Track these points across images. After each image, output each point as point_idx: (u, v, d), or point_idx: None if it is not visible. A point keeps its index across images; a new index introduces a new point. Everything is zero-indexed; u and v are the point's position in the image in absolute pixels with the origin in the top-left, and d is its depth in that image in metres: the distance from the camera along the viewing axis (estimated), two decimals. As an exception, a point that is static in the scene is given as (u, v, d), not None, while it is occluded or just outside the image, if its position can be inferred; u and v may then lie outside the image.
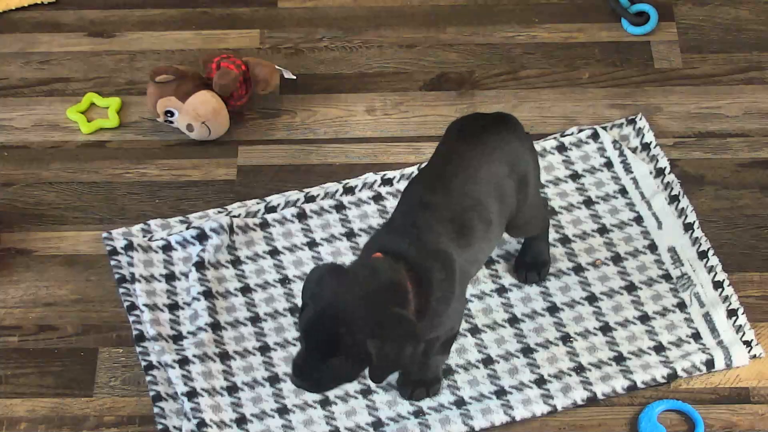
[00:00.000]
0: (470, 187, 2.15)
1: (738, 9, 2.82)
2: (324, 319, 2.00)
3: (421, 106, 2.67)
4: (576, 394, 2.27)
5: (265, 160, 2.60)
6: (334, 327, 1.99)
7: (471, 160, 2.17)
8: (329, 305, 2.00)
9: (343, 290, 2.01)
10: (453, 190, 2.14)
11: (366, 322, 1.99)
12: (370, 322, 1.99)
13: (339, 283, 2.02)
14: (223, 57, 2.62)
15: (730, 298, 2.37)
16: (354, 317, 1.99)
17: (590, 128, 2.60)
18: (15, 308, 2.40)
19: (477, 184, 2.15)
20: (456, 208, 2.12)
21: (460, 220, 2.12)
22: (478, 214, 2.14)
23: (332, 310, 2.00)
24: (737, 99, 2.67)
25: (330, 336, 1.99)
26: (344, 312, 1.99)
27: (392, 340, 1.99)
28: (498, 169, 2.17)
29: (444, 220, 2.11)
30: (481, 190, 2.15)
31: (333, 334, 1.99)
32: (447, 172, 2.16)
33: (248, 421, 2.26)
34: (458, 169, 2.16)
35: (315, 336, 2.01)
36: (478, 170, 2.16)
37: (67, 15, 2.83)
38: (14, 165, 2.60)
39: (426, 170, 2.18)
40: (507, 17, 2.82)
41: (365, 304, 2.00)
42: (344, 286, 2.02)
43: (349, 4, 2.85)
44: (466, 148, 2.18)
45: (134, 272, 2.41)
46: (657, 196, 2.50)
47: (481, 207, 2.14)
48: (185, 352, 2.32)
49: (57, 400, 2.29)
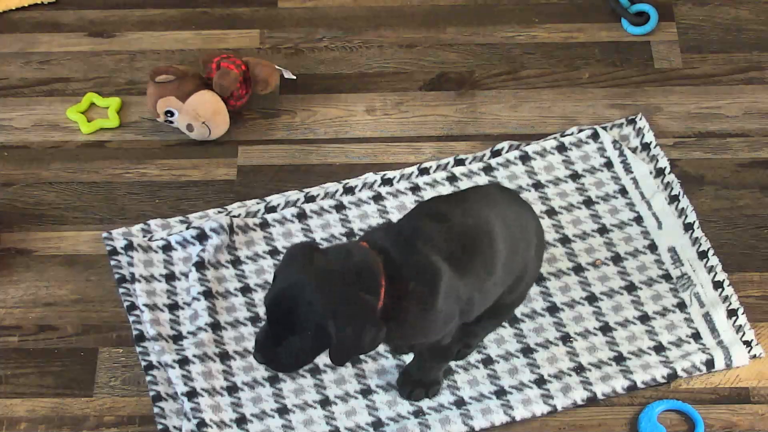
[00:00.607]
0: (488, 214, 2.12)
1: (738, 9, 2.82)
2: (286, 296, 1.96)
3: (421, 106, 2.67)
4: (576, 394, 2.27)
5: (265, 160, 2.60)
6: (295, 305, 1.95)
7: (501, 200, 2.17)
8: (294, 283, 1.96)
9: (311, 268, 1.97)
10: (470, 212, 2.11)
11: (328, 302, 1.94)
12: (332, 303, 1.94)
13: (309, 261, 1.98)
14: (223, 57, 2.62)
15: (730, 298, 2.37)
16: (317, 296, 1.94)
17: (590, 128, 2.60)
18: (15, 308, 2.40)
19: (496, 218, 2.12)
20: (466, 230, 2.08)
21: (465, 242, 2.08)
22: (487, 244, 2.09)
23: (296, 288, 1.95)
24: (737, 99, 2.67)
25: (290, 313, 1.95)
26: (308, 290, 1.95)
27: (353, 323, 1.95)
28: (523, 222, 2.17)
29: (448, 237, 2.07)
30: (498, 224, 2.12)
31: (293, 312, 1.95)
32: (470, 197, 2.15)
33: (248, 421, 2.26)
34: (483, 200, 2.15)
35: (276, 312, 1.97)
36: (504, 208, 2.16)
37: (67, 15, 2.83)
38: (14, 165, 2.60)
39: (451, 194, 2.18)
40: (507, 17, 2.82)
41: (330, 285, 1.95)
42: (313, 264, 1.97)
43: (349, 4, 2.85)
44: (500, 192, 2.19)
45: (134, 272, 2.41)
46: (657, 196, 2.50)
47: (491, 240, 2.10)
48: (185, 352, 2.32)
49: (57, 400, 2.29)
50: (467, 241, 2.08)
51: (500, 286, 2.16)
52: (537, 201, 2.50)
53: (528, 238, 2.19)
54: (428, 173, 2.55)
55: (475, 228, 2.10)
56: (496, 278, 2.13)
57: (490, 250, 2.10)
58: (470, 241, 2.09)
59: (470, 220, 2.10)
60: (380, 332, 1.98)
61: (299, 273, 1.97)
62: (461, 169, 2.55)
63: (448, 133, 2.63)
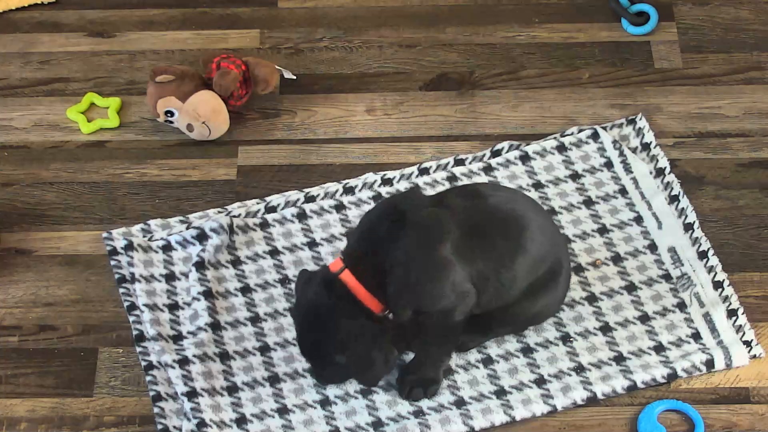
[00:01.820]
0: (524, 210, 2.20)
1: (738, 9, 2.82)
2: (305, 341, 2.18)
3: (421, 106, 2.67)
4: (576, 394, 2.27)
5: (265, 160, 2.60)
6: (312, 347, 2.18)
7: (538, 207, 2.26)
8: (306, 327, 2.16)
9: (309, 308, 2.16)
10: (506, 199, 2.21)
11: (329, 338, 2.14)
12: (331, 339, 2.13)
13: (307, 301, 2.16)
14: (223, 57, 2.62)
15: (730, 298, 2.37)
16: (321, 338, 2.15)
17: (590, 128, 2.60)
18: (15, 308, 2.40)
19: (530, 216, 2.20)
20: (494, 211, 2.18)
21: (490, 221, 2.17)
22: (515, 233, 2.18)
23: (308, 332, 2.16)
24: (737, 99, 2.67)
25: (313, 355, 2.19)
26: (315, 334, 2.15)
27: (355, 350, 2.12)
28: (555, 237, 2.25)
29: (472, 212, 2.17)
30: (532, 222, 2.20)
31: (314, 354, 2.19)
32: (509, 189, 2.27)
33: (248, 421, 2.26)
34: (522, 197, 2.26)
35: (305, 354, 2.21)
36: (540, 214, 2.23)
37: (67, 15, 2.83)
38: (14, 165, 2.60)
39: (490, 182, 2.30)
40: (507, 17, 2.82)
41: (325, 323, 2.14)
42: (308, 305, 2.16)
43: (349, 4, 2.85)
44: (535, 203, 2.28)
45: (134, 272, 2.41)
46: (657, 196, 2.50)
47: (519, 231, 2.19)
48: (185, 352, 2.32)
49: (57, 400, 2.29)
50: (495, 222, 2.17)
51: (520, 283, 2.20)
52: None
53: (557, 253, 2.24)
54: (428, 173, 2.55)
55: (505, 213, 2.18)
56: (518, 272, 2.18)
57: (517, 240, 2.17)
58: (497, 222, 2.17)
59: (505, 206, 2.19)
60: (390, 355, 2.14)
61: (304, 317, 2.16)
62: (461, 169, 2.55)
63: (448, 133, 2.63)
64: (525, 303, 2.23)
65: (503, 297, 2.20)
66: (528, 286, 2.21)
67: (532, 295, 2.22)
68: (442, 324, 2.18)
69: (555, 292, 2.25)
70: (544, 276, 2.22)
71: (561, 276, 2.25)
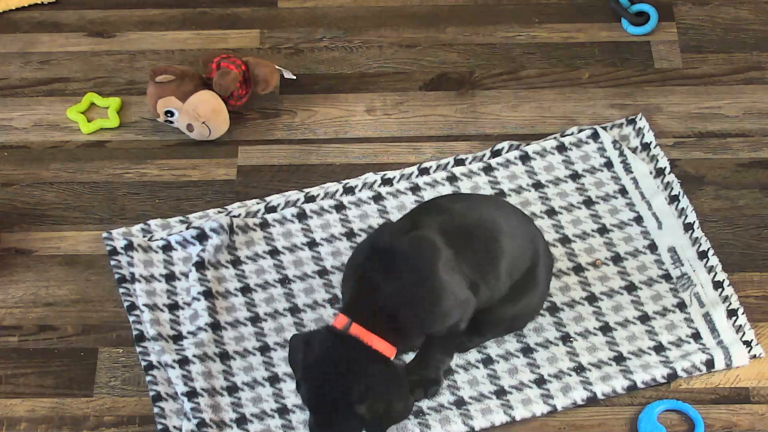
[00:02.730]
0: (492, 213, 2.21)
1: (738, 9, 2.82)
2: (319, 397, 2.11)
3: (421, 106, 2.67)
4: (576, 394, 2.27)
5: (265, 160, 2.60)
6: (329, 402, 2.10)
7: (506, 206, 2.27)
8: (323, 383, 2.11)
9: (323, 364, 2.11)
10: (473, 207, 2.20)
11: (349, 389, 2.09)
12: (353, 390, 2.09)
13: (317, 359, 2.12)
14: (223, 57, 2.62)
15: (730, 298, 2.37)
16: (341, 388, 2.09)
17: (590, 128, 2.60)
18: (15, 308, 2.40)
19: (500, 218, 2.21)
20: (466, 221, 2.17)
21: (466, 231, 2.16)
22: (490, 238, 2.18)
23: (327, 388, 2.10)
24: (737, 99, 2.67)
25: (328, 411, 2.11)
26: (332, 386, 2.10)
27: (376, 399, 2.09)
28: (529, 233, 2.25)
29: (447, 225, 2.15)
30: (503, 224, 2.20)
31: (330, 409, 2.11)
32: (473, 197, 2.27)
33: (248, 421, 2.26)
34: (487, 201, 2.26)
35: (318, 412, 2.13)
36: (509, 214, 2.24)
37: (67, 15, 2.83)
38: (14, 165, 2.60)
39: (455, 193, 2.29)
40: (507, 17, 2.82)
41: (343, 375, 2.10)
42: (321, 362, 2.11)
43: (349, 4, 2.85)
44: (504, 202, 2.30)
45: (134, 272, 2.41)
46: (657, 196, 2.50)
47: (494, 235, 2.19)
48: (185, 352, 2.32)
49: (57, 400, 2.29)
50: (468, 230, 2.17)
51: (504, 284, 2.21)
52: (537, 201, 2.50)
53: (535, 248, 2.25)
54: (428, 173, 2.55)
55: (477, 221, 2.18)
56: (501, 273, 2.19)
57: (494, 244, 2.18)
58: (472, 230, 2.17)
59: (472, 213, 2.19)
60: (409, 402, 2.14)
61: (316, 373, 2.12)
62: (461, 169, 2.55)
63: (448, 133, 2.63)
64: (507, 304, 2.25)
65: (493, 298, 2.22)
66: (510, 286, 2.23)
67: (513, 296, 2.24)
68: (450, 335, 2.19)
69: (535, 290, 2.27)
70: (524, 274, 2.24)
71: (538, 268, 2.26)
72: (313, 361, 2.12)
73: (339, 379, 2.09)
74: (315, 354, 2.12)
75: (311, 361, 2.12)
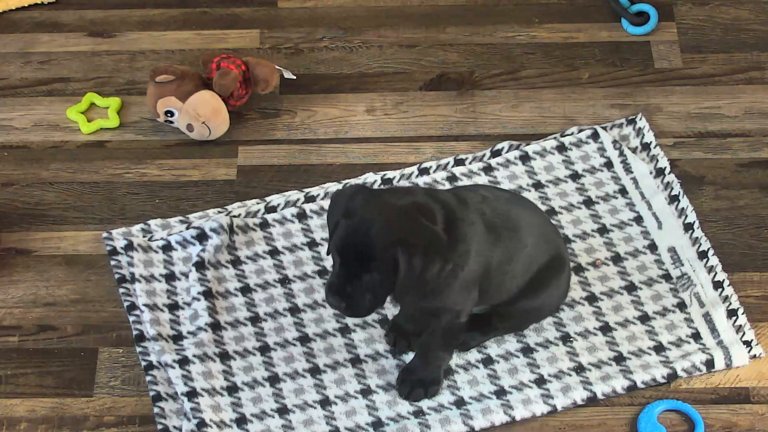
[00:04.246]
0: (518, 207, 2.21)
1: (738, 9, 2.82)
2: (358, 233, 2.01)
3: (421, 106, 2.67)
4: (576, 394, 2.27)
5: (265, 160, 2.60)
6: (367, 239, 2.00)
7: (532, 206, 2.28)
8: (363, 219, 2.01)
9: (376, 204, 2.03)
10: (500, 198, 2.20)
11: (397, 231, 2.00)
12: (400, 232, 2.00)
13: (372, 199, 2.04)
14: (223, 57, 2.62)
15: (730, 298, 2.37)
16: (386, 228, 2.00)
17: (590, 128, 2.60)
18: (15, 308, 2.40)
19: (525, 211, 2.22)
20: (499, 211, 2.16)
21: (499, 219, 2.16)
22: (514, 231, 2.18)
23: (366, 223, 2.01)
24: (737, 99, 2.67)
25: (364, 248, 2.01)
26: (377, 224, 2.00)
27: (421, 251, 2.00)
28: (550, 233, 2.26)
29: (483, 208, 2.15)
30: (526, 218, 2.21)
31: (367, 245, 2.00)
32: (501, 189, 2.26)
33: (248, 421, 2.26)
34: (515, 196, 2.27)
35: (349, 250, 2.03)
36: (535, 212, 2.25)
37: (67, 15, 2.83)
38: (14, 165, 2.60)
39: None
40: (507, 17, 2.82)
41: (397, 217, 2.01)
42: (377, 201, 2.03)
43: (349, 4, 2.85)
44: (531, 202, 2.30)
45: (134, 272, 2.41)
46: (657, 196, 2.50)
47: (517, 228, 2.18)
48: (185, 352, 2.32)
49: (57, 400, 2.29)
50: (499, 217, 2.16)
51: (520, 278, 2.21)
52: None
53: (556, 249, 2.25)
54: (428, 173, 2.55)
55: (506, 212, 2.18)
56: (517, 267, 2.18)
57: (517, 237, 2.17)
58: (502, 218, 2.16)
59: (506, 204, 2.19)
60: (446, 265, 2.04)
61: (365, 210, 2.02)
62: (461, 169, 2.55)
63: (448, 133, 2.63)
64: (525, 299, 2.23)
65: (504, 292, 2.21)
66: (528, 281, 2.21)
67: (533, 291, 2.22)
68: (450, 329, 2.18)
69: (556, 289, 2.26)
70: (546, 272, 2.22)
71: (563, 273, 2.25)
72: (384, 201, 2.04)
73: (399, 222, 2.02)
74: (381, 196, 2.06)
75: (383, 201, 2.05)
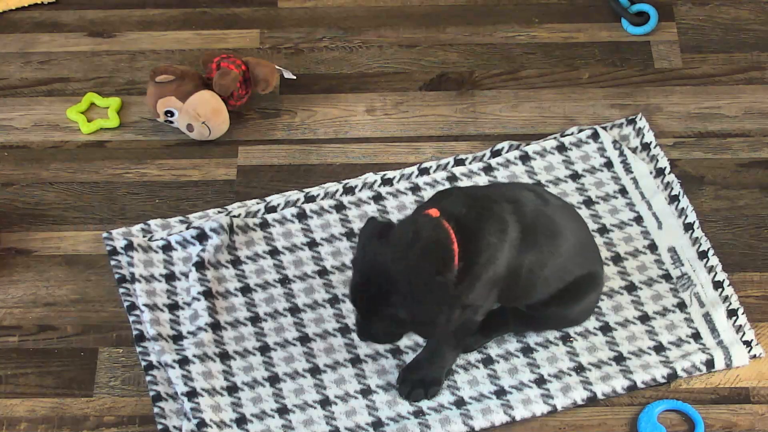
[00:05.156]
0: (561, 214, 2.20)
1: (738, 9, 2.82)
2: (364, 286, 2.07)
3: (421, 106, 2.67)
4: (576, 394, 2.27)
5: (265, 160, 2.60)
6: (372, 294, 2.06)
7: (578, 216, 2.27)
8: (368, 272, 2.07)
9: (383, 254, 2.05)
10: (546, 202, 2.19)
11: (399, 288, 2.03)
12: (403, 289, 2.03)
13: (381, 247, 2.06)
14: (223, 57, 2.62)
15: (730, 298, 2.37)
16: (390, 284, 2.04)
17: (590, 128, 2.60)
18: (15, 308, 2.40)
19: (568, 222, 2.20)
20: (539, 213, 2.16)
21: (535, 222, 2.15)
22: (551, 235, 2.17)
23: (372, 276, 2.06)
24: (737, 99, 2.67)
25: (369, 302, 2.08)
26: (381, 278, 2.05)
27: (425, 305, 2.03)
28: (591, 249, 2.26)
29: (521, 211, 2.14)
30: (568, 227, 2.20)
31: (371, 301, 2.07)
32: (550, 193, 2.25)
33: (248, 421, 2.26)
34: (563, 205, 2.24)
35: (359, 301, 2.10)
36: (579, 223, 2.24)
37: (67, 15, 2.83)
38: (14, 165, 2.60)
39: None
40: (507, 17, 2.82)
41: (402, 270, 2.03)
42: (385, 249, 2.05)
43: (349, 4, 2.85)
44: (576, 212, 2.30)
45: (134, 272, 2.41)
46: (657, 196, 2.50)
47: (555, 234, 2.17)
48: (185, 352, 2.32)
49: (57, 400, 2.29)
50: (543, 222, 2.16)
51: (552, 285, 2.20)
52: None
53: (592, 266, 2.25)
54: (428, 173, 2.55)
55: (550, 219, 2.17)
56: (551, 273, 2.18)
57: (553, 243, 2.16)
58: (545, 223, 2.16)
59: (549, 210, 2.18)
60: (453, 310, 2.06)
61: (371, 261, 2.06)
62: (461, 169, 2.55)
63: (448, 133, 2.63)
64: (556, 306, 2.24)
65: (534, 295, 2.21)
66: (562, 290, 2.22)
67: (565, 300, 2.23)
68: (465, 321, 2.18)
69: (586, 305, 2.27)
70: (580, 286, 2.23)
71: (594, 292, 2.27)
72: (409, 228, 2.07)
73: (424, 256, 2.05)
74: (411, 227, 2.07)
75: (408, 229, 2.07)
